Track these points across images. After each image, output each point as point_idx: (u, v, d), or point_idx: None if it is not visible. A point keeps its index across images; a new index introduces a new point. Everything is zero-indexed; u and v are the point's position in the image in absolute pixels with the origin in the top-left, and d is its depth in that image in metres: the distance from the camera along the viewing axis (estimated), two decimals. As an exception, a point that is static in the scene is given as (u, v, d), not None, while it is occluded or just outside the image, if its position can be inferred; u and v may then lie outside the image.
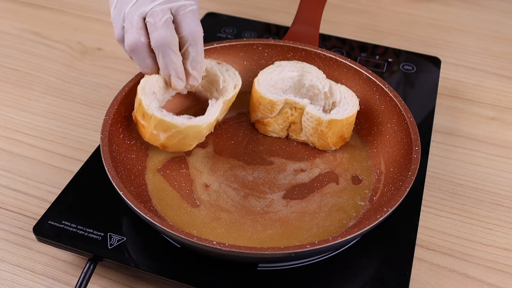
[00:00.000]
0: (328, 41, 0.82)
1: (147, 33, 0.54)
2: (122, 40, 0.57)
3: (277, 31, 0.85)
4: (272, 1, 1.00)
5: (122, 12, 0.56)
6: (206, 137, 0.60)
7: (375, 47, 0.82)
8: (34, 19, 0.94)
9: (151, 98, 0.58)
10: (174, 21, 0.55)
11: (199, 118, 0.58)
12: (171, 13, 0.55)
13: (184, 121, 0.57)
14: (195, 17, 0.55)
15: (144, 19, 0.54)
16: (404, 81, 0.76)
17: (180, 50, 0.56)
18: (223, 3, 0.99)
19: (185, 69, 0.57)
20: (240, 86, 0.62)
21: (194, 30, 0.55)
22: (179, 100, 0.66)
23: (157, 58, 0.56)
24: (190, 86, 0.61)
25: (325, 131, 0.60)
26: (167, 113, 0.57)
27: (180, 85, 0.58)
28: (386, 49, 0.81)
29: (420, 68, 0.78)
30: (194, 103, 0.68)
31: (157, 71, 0.58)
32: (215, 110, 0.59)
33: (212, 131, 0.62)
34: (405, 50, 0.82)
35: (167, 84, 0.59)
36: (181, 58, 0.56)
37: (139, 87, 0.59)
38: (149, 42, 0.54)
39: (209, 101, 0.61)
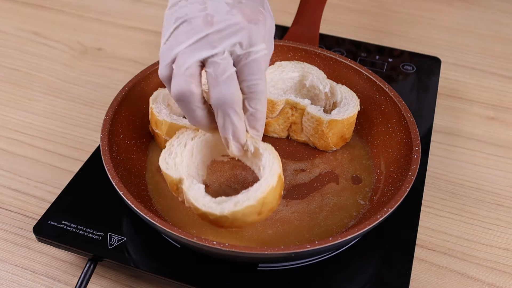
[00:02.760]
0: (328, 41, 0.82)
1: (200, 82, 0.46)
2: (166, 80, 0.48)
3: (277, 31, 0.85)
4: (272, 1, 1.00)
5: (173, 50, 0.46)
6: None
7: (375, 47, 0.82)
8: (34, 19, 0.94)
9: (162, 106, 0.59)
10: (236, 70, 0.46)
11: None
12: (233, 61, 0.46)
13: None
14: (258, 67, 0.46)
15: (201, 65, 0.45)
16: (404, 81, 0.76)
17: None
18: (223, 3, 0.99)
19: None
20: None
21: (254, 84, 0.46)
22: None
23: (215, 116, 0.47)
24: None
25: (326, 132, 0.60)
26: (177, 117, 0.58)
27: (238, 151, 0.49)
28: (386, 49, 0.81)
29: (420, 68, 0.78)
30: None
31: (207, 126, 0.49)
32: None
33: None
34: (405, 50, 0.82)
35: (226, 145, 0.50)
36: (243, 120, 0.48)
37: (151, 98, 0.60)
38: (201, 92, 0.46)
39: None
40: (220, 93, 0.45)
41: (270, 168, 0.49)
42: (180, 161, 0.51)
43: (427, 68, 0.78)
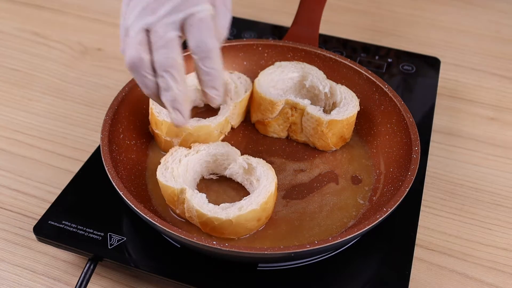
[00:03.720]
0: (328, 42, 0.82)
1: (148, 49, 0.47)
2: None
3: (277, 31, 0.85)
4: (272, 1, 1.00)
5: (125, 24, 0.48)
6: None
7: (375, 47, 0.82)
8: (34, 19, 0.94)
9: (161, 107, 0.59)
10: (183, 33, 0.47)
11: (208, 119, 0.59)
12: (179, 25, 0.47)
13: (193, 122, 0.58)
14: (204, 26, 0.47)
15: (148, 31, 0.47)
16: (404, 81, 0.76)
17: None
18: (223, 3, 0.99)
19: (202, 89, 0.50)
20: (251, 90, 0.64)
21: (203, 43, 0.47)
22: (195, 115, 0.66)
23: (158, 82, 0.49)
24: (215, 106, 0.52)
25: (325, 132, 0.60)
26: None
27: (178, 119, 0.49)
28: (386, 49, 0.81)
29: (419, 69, 0.78)
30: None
31: (158, 96, 0.50)
32: (225, 111, 0.61)
33: (226, 134, 0.63)
34: (405, 51, 0.82)
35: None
36: (185, 86, 0.48)
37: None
38: (149, 58, 0.47)
39: (221, 106, 0.62)
40: (157, 57, 0.47)
41: (267, 177, 0.53)
42: (177, 174, 0.53)
43: (426, 68, 0.78)
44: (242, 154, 0.57)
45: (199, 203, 0.51)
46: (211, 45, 0.47)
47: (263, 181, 0.52)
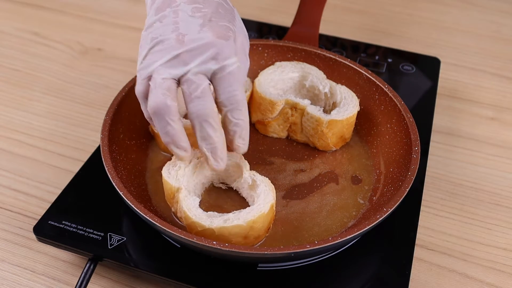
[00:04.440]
0: (328, 42, 0.82)
1: (175, 97, 0.48)
2: (142, 96, 0.50)
3: (277, 31, 0.85)
4: (272, 1, 1.00)
5: (149, 68, 0.48)
6: None
7: (375, 47, 0.82)
8: (34, 19, 0.94)
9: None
10: (211, 84, 0.49)
11: None
12: (208, 77, 0.48)
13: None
14: (234, 79, 0.48)
15: (176, 82, 0.48)
16: (404, 81, 0.76)
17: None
18: (223, 3, 0.99)
19: (227, 139, 0.51)
20: (251, 90, 0.64)
21: (232, 95, 0.48)
22: None
23: (194, 131, 0.49)
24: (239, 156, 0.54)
25: (326, 132, 0.60)
26: None
27: (218, 165, 0.50)
28: (386, 49, 0.82)
29: (419, 69, 0.78)
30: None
31: (178, 145, 0.50)
32: None
33: None
34: (404, 51, 0.82)
35: (207, 163, 0.51)
36: (222, 132, 0.50)
37: None
38: (176, 107, 0.48)
39: None
40: (195, 108, 0.48)
41: (265, 197, 0.51)
42: (182, 174, 0.53)
43: (426, 68, 0.78)
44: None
45: (188, 206, 0.50)
46: (240, 97, 0.49)
47: (259, 200, 0.51)
